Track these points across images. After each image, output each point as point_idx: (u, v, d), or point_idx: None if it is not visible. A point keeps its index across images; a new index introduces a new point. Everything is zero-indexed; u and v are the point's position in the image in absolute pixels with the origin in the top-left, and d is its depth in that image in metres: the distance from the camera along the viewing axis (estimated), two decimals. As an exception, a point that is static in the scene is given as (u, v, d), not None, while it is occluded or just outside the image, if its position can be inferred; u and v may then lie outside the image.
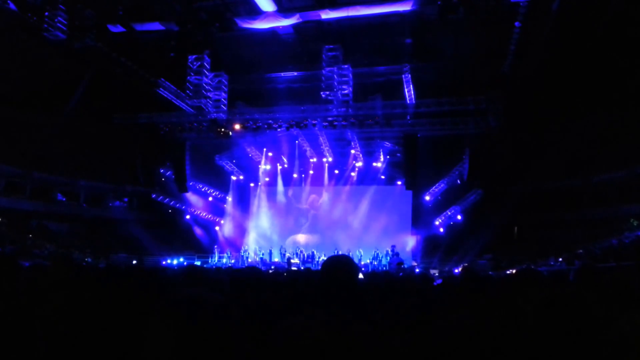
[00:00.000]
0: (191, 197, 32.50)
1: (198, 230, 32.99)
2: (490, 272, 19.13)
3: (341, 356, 2.26)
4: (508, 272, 19.26)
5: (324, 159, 31.72)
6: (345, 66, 25.00)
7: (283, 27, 23.83)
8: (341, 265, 3.00)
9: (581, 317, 2.25)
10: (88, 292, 3.41)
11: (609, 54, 21.92)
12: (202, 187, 33.00)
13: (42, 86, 27.35)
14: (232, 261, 29.20)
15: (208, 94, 26.73)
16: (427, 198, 29.39)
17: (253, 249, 31.11)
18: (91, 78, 27.92)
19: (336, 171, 32.21)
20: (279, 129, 27.89)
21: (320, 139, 29.48)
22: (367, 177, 31.61)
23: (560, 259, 23.00)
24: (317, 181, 32.68)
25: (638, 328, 2.19)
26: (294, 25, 23.76)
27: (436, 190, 29.36)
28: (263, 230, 33.06)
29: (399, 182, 30.97)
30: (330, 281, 2.92)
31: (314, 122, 26.86)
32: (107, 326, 2.98)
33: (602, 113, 24.10)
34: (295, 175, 33.36)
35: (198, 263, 28.57)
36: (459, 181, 28.83)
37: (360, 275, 17.09)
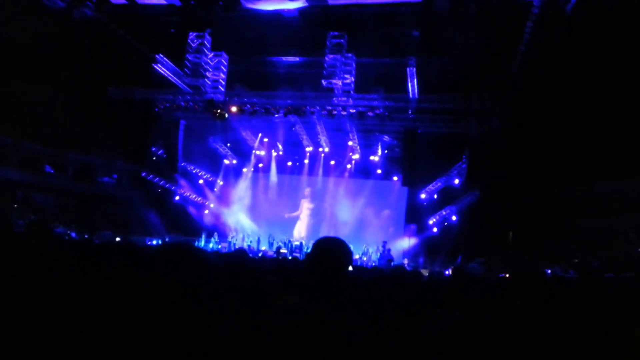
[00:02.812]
0: (182, 178, 31.87)
1: (186, 213, 32.34)
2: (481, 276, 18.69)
3: (323, 343, 2.27)
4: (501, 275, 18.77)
5: (320, 149, 31.15)
6: (349, 55, 24.53)
7: (288, 10, 23.20)
8: (332, 249, 2.73)
9: (584, 321, 2.20)
10: (58, 260, 3.45)
11: (622, 61, 21.39)
12: (194, 169, 32.36)
13: (36, 55, 26.61)
14: (220, 246, 28.65)
15: (206, 73, 26.20)
16: (423, 196, 28.82)
17: (241, 235, 30.55)
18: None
19: (332, 162, 31.68)
20: (276, 115, 27.29)
21: (318, 127, 28.88)
22: (363, 170, 31.07)
23: (559, 268, 22.57)
24: (311, 171, 32.11)
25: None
26: (300, 9, 23.14)
27: (433, 188, 28.76)
28: (253, 218, 32.48)
29: (395, 178, 30.53)
30: (318, 265, 2.67)
31: (312, 109, 26.31)
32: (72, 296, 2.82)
33: (610, 121, 23.61)
34: (289, 163, 32.82)
35: (184, 246, 28.02)
36: (456, 181, 28.29)
37: (349, 267, 16.58)
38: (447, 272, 24.03)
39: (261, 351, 2.33)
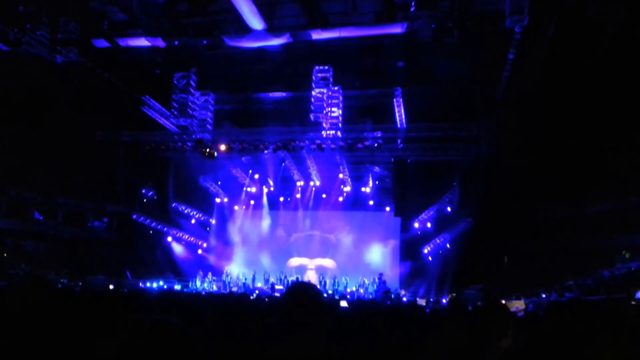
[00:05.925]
0: (173, 219, 31.58)
1: (179, 253, 31.97)
2: (479, 303, 18.46)
3: None
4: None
5: (311, 183, 31.05)
6: (336, 88, 24.55)
7: (272, 46, 23.25)
8: (305, 290, 2.87)
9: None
10: (60, 314, 3.47)
11: (605, 82, 21.55)
12: (185, 209, 32.11)
13: (21, 99, 26.51)
14: (215, 287, 28.30)
15: (194, 113, 26.16)
16: (416, 225, 28.70)
17: (236, 274, 30.21)
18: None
19: (323, 195, 31.54)
20: (265, 151, 27.22)
21: (308, 162, 28.83)
22: (355, 202, 30.94)
23: (554, 293, 22.42)
24: (304, 205, 31.95)
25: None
26: (283, 45, 23.18)
27: (425, 217, 28.69)
28: (247, 255, 32.17)
29: (388, 208, 30.38)
30: (295, 308, 2.77)
31: (301, 144, 26.25)
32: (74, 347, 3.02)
33: (597, 143, 23.69)
34: (281, 199, 32.64)
35: (178, 287, 27.70)
36: (449, 208, 28.23)
37: (345, 304, 16.30)
38: (444, 301, 23.87)
39: None
